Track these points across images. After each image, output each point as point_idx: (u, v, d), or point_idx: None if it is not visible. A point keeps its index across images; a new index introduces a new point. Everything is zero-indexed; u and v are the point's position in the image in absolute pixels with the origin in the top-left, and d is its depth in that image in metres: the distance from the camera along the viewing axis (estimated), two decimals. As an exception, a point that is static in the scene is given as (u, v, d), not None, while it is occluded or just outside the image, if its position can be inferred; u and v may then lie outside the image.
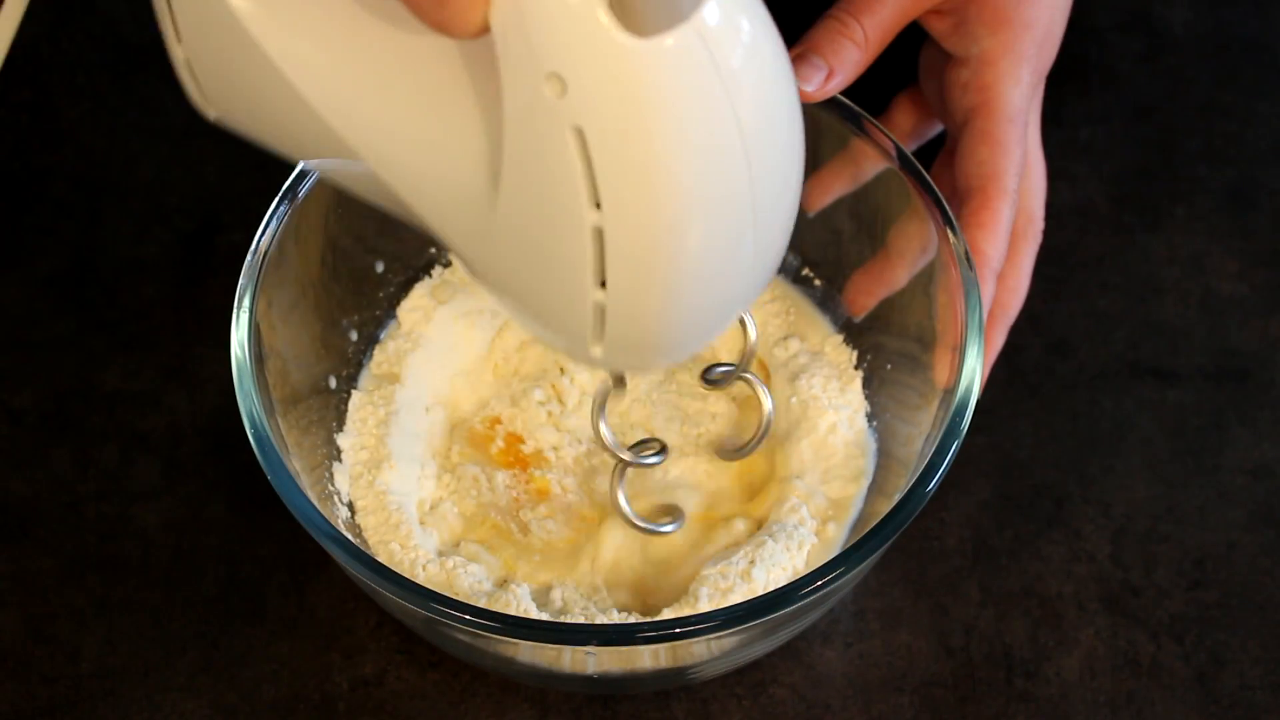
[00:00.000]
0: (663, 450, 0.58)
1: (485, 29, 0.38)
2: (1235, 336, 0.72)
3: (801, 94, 0.58)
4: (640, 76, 0.37)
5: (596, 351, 0.44)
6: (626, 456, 0.56)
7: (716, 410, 0.65)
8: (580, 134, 0.38)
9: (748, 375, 0.60)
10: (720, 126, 0.39)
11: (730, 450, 0.63)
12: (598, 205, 0.39)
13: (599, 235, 0.40)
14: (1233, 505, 0.67)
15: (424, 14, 0.38)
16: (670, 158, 0.39)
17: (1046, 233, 0.64)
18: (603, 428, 0.54)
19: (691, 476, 0.63)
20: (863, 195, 0.63)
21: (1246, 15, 0.83)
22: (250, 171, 0.75)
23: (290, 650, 0.62)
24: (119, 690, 0.61)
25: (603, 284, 0.41)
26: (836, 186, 0.64)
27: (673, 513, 0.60)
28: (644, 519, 0.58)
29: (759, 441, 0.61)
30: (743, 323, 0.58)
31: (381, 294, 0.66)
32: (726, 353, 0.65)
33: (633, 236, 0.40)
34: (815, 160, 0.64)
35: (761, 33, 0.40)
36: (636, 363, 0.47)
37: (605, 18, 0.36)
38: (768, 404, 0.60)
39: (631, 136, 0.38)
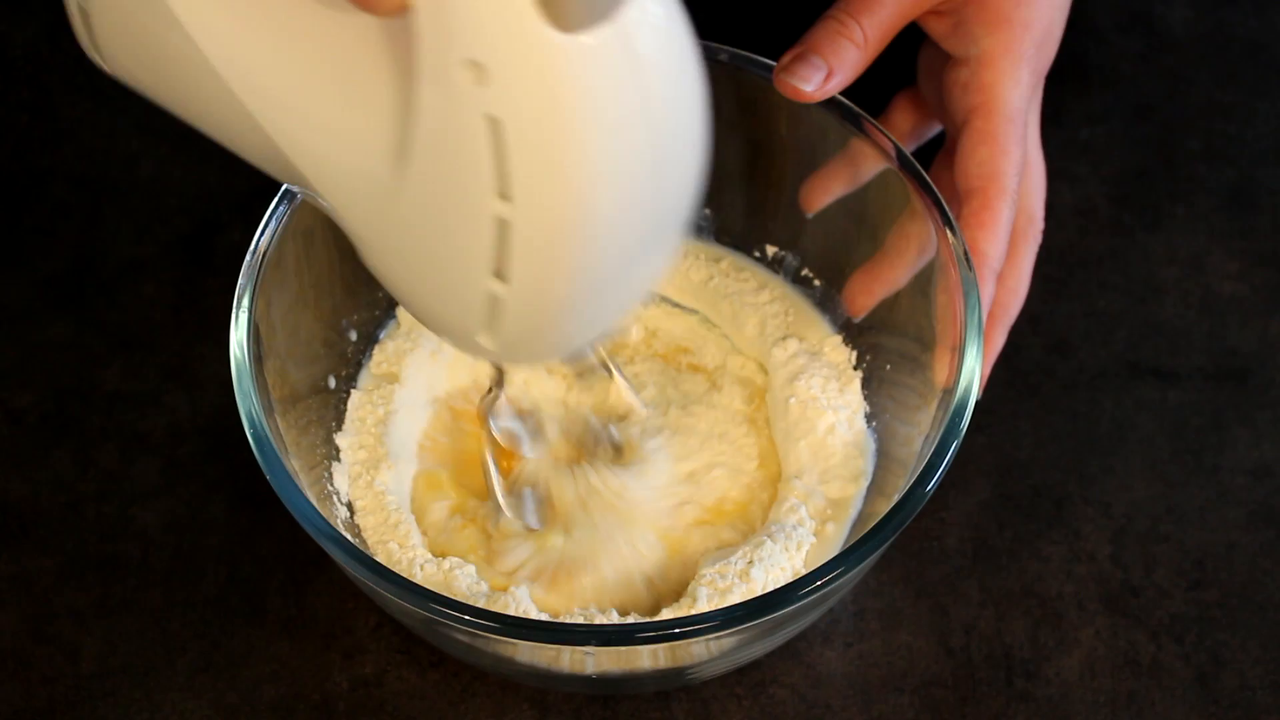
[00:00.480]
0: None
1: (405, 7, 0.38)
2: (1235, 336, 0.72)
3: (801, 94, 0.59)
4: (564, 71, 0.37)
5: (486, 341, 0.44)
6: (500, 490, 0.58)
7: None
8: (495, 123, 0.38)
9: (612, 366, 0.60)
10: (634, 126, 0.40)
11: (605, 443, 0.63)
12: (505, 197, 0.39)
13: (504, 227, 0.40)
14: (1233, 505, 0.67)
15: None
16: (586, 154, 0.39)
17: (1046, 233, 0.64)
18: (495, 428, 0.56)
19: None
20: (862, 195, 0.63)
21: (1246, 15, 0.83)
22: (250, 171, 0.75)
23: (290, 650, 0.62)
24: (119, 690, 0.61)
25: (500, 275, 0.41)
26: (836, 187, 0.64)
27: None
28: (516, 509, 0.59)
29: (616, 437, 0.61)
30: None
31: (381, 294, 0.66)
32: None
33: (541, 231, 0.40)
34: (815, 160, 0.64)
35: (677, 30, 0.41)
36: (525, 355, 0.47)
37: (533, 10, 0.36)
38: (640, 408, 0.60)
39: (549, 130, 0.38)
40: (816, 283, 0.67)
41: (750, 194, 0.67)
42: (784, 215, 0.66)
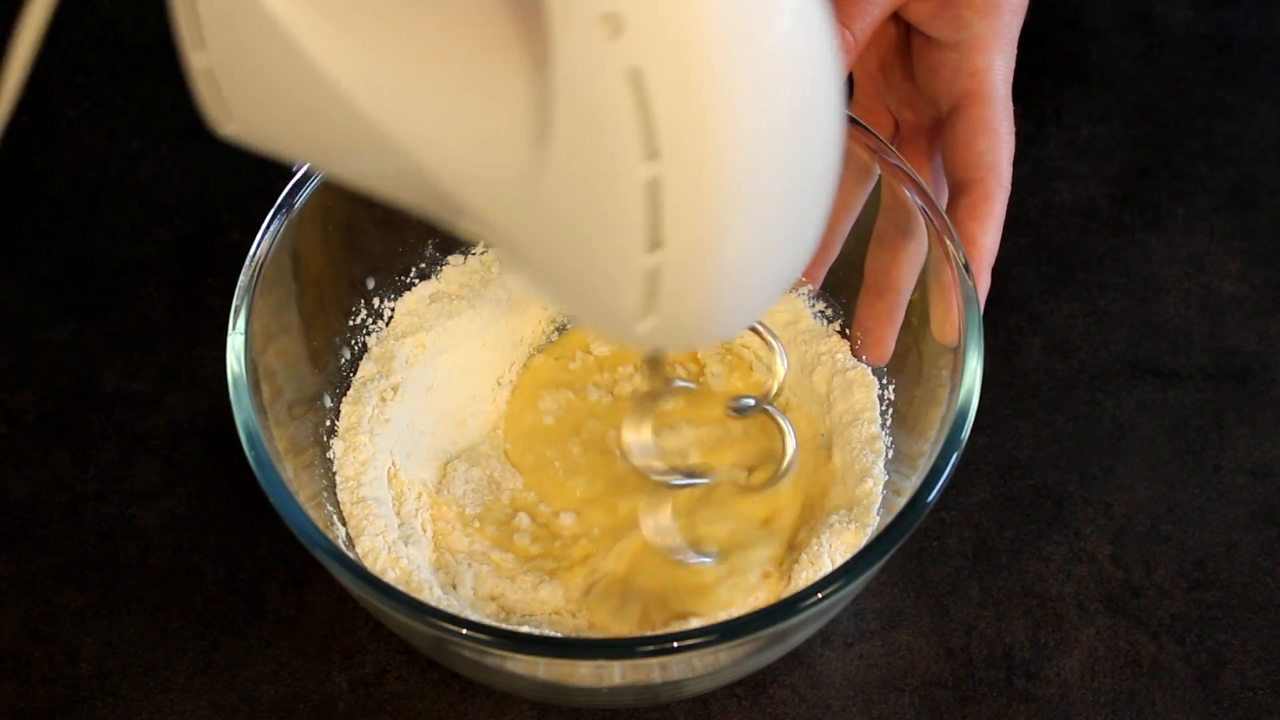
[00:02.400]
0: (698, 475, 0.58)
1: None
2: (1235, 336, 0.72)
3: None
4: (705, 9, 0.36)
5: (646, 325, 0.42)
6: (663, 477, 0.55)
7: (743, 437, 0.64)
8: (635, 75, 0.37)
9: (770, 408, 0.59)
10: (773, 61, 0.38)
11: (751, 484, 0.62)
12: (652, 154, 0.38)
13: (654, 189, 0.38)
14: (1233, 505, 0.67)
15: None
16: (730, 89, 0.37)
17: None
18: (632, 439, 0.54)
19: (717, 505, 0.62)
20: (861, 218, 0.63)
21: (1246, 15, 0.83)
22: (250, 171, 0.76)
23: (290, 650, 0.62)
24: (119, 690, 0.61)
25: (656, 243, 0.39)
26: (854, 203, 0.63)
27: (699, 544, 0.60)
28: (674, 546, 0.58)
29: (781, 477, 0.60)
30: (768, 344, 0.58)
31: (377, 303, 0.66)
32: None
33: (694, 177, 0.38)
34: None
35: None
36: (686, 335, 0.45)
37: None
38: (791, 443, 0.59)
39: (690, 65, 0.37)
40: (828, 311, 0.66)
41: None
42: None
